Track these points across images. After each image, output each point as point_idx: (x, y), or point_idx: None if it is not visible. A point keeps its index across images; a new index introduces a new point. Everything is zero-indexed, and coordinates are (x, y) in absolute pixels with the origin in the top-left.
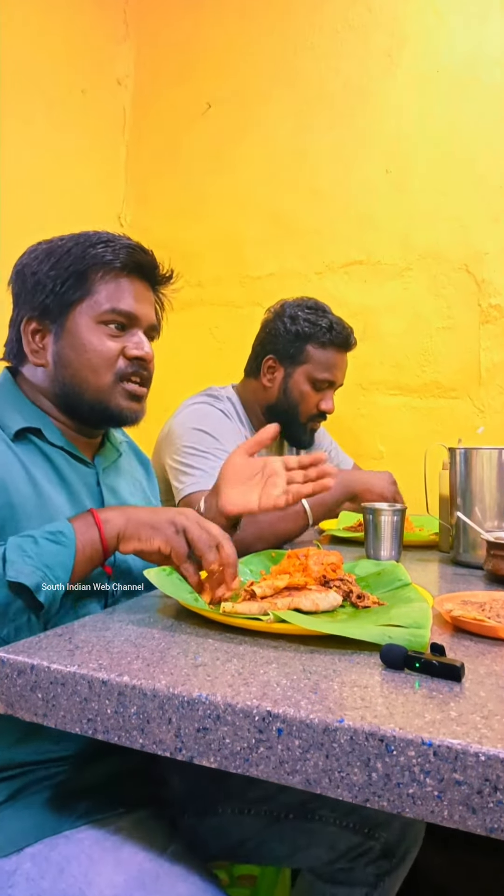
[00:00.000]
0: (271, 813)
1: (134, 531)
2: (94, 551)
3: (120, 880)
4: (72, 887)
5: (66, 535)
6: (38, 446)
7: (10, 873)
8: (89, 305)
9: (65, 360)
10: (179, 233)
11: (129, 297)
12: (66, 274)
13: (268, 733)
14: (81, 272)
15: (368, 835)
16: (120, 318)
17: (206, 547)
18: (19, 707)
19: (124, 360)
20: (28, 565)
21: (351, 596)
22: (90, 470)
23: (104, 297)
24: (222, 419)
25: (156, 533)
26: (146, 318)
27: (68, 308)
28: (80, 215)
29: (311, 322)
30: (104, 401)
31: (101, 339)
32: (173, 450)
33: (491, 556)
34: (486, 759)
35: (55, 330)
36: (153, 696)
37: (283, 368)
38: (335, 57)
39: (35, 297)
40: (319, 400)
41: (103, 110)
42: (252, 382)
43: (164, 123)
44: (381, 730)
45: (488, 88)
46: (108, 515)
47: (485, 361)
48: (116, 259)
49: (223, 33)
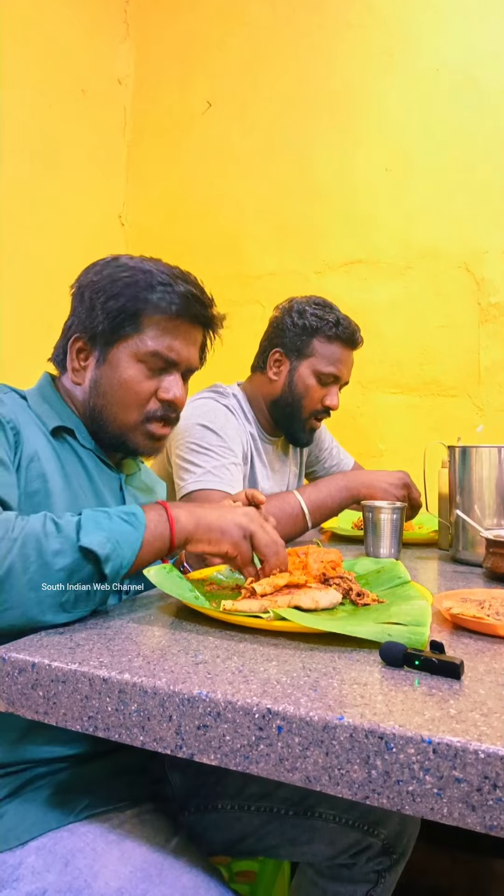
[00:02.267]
0: (271, 809)
1: (204, 534)
2: (162, 545)
3: (125, 872)
4: (77, 879)
5: (139, 518)
6: (71, 445)
7: (14, 867)
8: (135, 343)
9: (100, 388)
10: (180, 233)
11: (176, 343)
12: (120, 308)
13: (268, 731)
14: (135, 311)
15: (368, 832)
16: (160, 363)
17: (271, 553)
18: (20, 705)
19: (155, 402)
20: (101, 535)
21: (350, 594)
22: (115, 475)
23: (151, 339)
24: (227, 415)
25: (224, 537)
26: (187, 363)
27: (115, 341)
28: (81, 215)
29: (318, 316)
30: (125, 435)
31: (138, 378)
32: (177, 445)
33: (490, 554)
34: (485, 757)
35: (98, 356)
36: (154, 694)
37: (288, 362)
38: (335, 56)
39: (88, 319)
40: (324, 395)
41: (103, 110)
42: (258, 377)
43: (164, 123)
44: (380, 727)
45: (488, 88)
46: (179, 514)
47: (484, 360)
48: (171, 307)
49: (223, 33)
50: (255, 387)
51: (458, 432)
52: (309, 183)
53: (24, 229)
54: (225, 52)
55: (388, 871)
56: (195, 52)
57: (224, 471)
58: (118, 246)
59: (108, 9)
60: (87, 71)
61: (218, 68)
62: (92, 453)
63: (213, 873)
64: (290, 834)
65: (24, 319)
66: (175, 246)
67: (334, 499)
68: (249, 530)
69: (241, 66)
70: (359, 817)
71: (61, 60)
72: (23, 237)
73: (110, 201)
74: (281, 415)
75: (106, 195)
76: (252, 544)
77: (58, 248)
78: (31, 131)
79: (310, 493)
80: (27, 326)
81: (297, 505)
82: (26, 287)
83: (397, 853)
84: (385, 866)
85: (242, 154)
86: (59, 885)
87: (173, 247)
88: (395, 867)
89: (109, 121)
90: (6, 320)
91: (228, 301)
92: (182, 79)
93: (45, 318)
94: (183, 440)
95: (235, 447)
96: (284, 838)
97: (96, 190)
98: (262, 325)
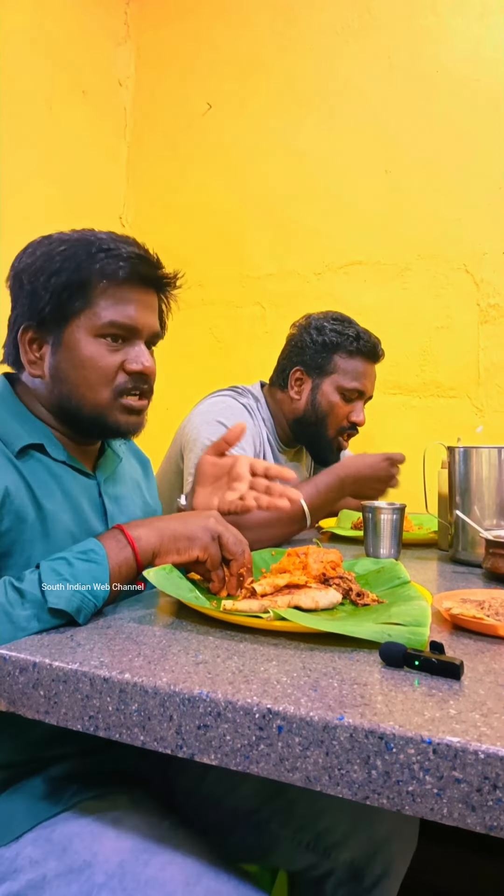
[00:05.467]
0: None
1: (171, 545)
2: (129, 570)
3: (125, 846)
4: (77, 861)
5: (98, 553)
6: (42, 461)
7: (11, 860)
8: (88, 318)
9: (62, 374)
10: (180, 233)
11: (131, 309)
12: (64, 284)
13: (268, 731)
14: (81, 283)
15: (324, 854)
16: (120, 332)
17: (238, 551)
18: (21, 704)
19: (124, 375)
20: (66, 591)
21: (350, 594)
22: (92, 482)
23: (104, 310)
24: (243, 413)
25: (193, 543)
26: (148, 329)
27: (66, 320)
28: (81, 215)
29: (337, 332)
30: (102, 416)
31: (99, 353)
32: (191, 439)
33: (490, 555)
34: (485, 757)
35: (52, 342)
36: (154, 694)
37: (310, 380)
38: (335, 57)
39: (32, 305)
40: (350, 412)
41: (104, 111)
42: (278, 393)
43: (164, 123)
44: (380, 727)
45: (487, 89)
46: (140, 533)
47: (483, 361)
48: (119, 270)
49: (223, 33)
50: (277, 402)
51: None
52: (309, 184)
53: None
54: (225, 53)
55: None
56: (195, 54)
57: None
58: None
59: (109, 10)
60: (88, 72)
61: (218, 69)
62: (65, 465)
63: (211, 848)
64: (248, 841)
65: None
66: (175, 246)
67: (329, 487)
68: (216, 532)
69: (241, 66)
70: (313, 838)
71: (62, 62)
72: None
73: (110, 201)
74: (305, 434)
75: (106, 195)
76: (220, 545)
77: None
78: (32, 132)
79: (307, 490)
80: None
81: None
82: None
83: (370, 879)
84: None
85: (242, 154)
86: (60, 869)
87: (173, 247)
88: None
89: (110, 122)
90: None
91: (228, 302)
92: (182, 80)
93: None
94: (199, 436)
95: (247, 447)
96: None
97: (96, 190)
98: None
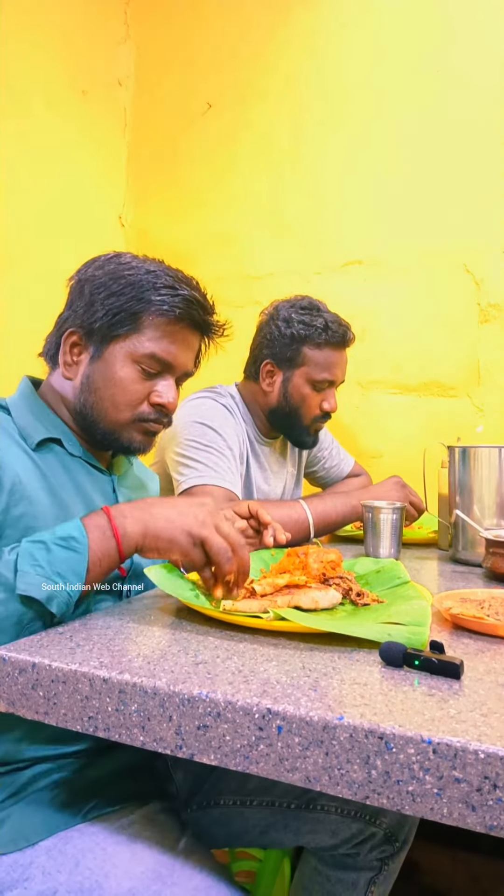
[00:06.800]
0: (272, 803)
1: (152, 543)
2: (111, 561)
3: (137, 872)
4: (88, 879)
5: (79, 541)
6: (58, 456)
7: (25, 867)
8: (132, 342)
9: (92, 385)
10: (180, 233)
11: (174, 347)
12: (120, 307)
13: (268, 731)
14: (135, 311)
15: (370, 822)
16: (157, 365)
17: (223, 559)
18: (21, 705)
19: (147, 406)
20: (39, 576)
21: (350, 594)
22: (106, 477)
23: (149, 340)
24: (225, 414)
25: (172, 546)
26: (182, 368)
27: (112, 338)
28: (81, 215)
29: (305, 323)
30: (117, 432)
31: (131, 378)
32: (175, 443)
33: (490, 554)
34: (485, 757)
35: (93, 352)
36: (154, 694)
37: (281, 372)
38: (335, 57)
39: (86, 314)
40: (321, 400)
41: (104, 111)
42: (252, 385)
43: (164, 123)
44: (380, 727)
45: (488, 88)
46: (125, 524)
47: (484, 360)
48: (173, 310)
49: (223, 33)
50: (252, 393)
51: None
52: (309, 183)
53: (24, 230)
54: (225, 53)
55: (390, 859)
56: (195, 53)
57: (225, 468)
58: (118, 246)
59: (109, 10)
60: (88, 72)
61: (218, 69)
62: (80, 460)
63: (222, 874)
64: (292, 826)
65: (25, 319)
66: (175, 246)
67: (339, 512)
68: (200, 536)
69: (241, 66)
70: (360, 808)
71: (62, 61)
72: (23, 237)
73: (110, 201)
74: (281, 424)
75: (106, 195)
76: (204, 549)
77: (58, 249)
78: (31, 132)
79: (316, 505)
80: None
81: (303, 514)
82: (27, 287)
83: (399, 841)
84: (388, 854)
85: (242, 154)
86: (70, 884)
87: (173, 247)
88: (397, 854)
89: (110, 121)
90: (6, 320)
91: (228, 302)
92: (182, 80)
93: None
94: (181, 437)
95: (234, 446)
96: (287, 830)
97: (96, 190)
98: None
